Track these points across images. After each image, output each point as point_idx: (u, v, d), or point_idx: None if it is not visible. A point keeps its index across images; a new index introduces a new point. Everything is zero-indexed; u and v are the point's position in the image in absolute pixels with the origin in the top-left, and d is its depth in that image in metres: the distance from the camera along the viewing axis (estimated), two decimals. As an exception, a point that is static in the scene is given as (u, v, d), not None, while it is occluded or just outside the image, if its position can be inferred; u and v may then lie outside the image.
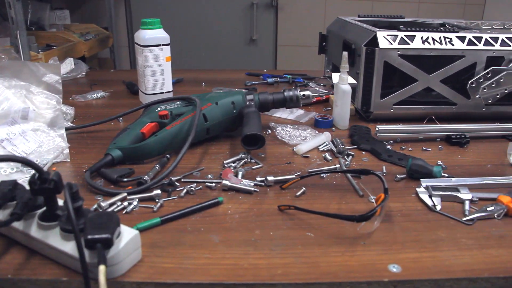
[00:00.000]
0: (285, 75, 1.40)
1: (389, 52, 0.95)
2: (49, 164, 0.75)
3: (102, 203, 0.62)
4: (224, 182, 0.69)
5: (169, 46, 1.09)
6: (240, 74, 1.50)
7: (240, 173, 0.73)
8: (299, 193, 0.68)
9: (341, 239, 0.57)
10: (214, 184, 0.70)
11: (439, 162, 0.80)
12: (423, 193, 0.68)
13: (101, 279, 0.43)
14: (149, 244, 0.54)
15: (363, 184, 0.71)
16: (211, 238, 0.56)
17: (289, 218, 0.61)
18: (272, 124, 0.96)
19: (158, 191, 0.65)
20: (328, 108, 1.12)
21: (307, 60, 2.68)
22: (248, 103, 0.89)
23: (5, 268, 0.50)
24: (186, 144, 0.76)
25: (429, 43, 0.96)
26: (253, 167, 0.77)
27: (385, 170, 0.77)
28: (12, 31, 1.38)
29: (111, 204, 0.63)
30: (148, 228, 0.58)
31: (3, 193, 0.52)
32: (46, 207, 0.52)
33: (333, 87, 0.99)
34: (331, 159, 0.81)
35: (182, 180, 0.71)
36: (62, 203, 0.52)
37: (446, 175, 0.74)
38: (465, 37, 0.97)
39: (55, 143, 0.78)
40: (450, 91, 0.99)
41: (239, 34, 2.84)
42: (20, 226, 0.52)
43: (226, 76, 1.47)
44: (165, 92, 1.13)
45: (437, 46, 0.96)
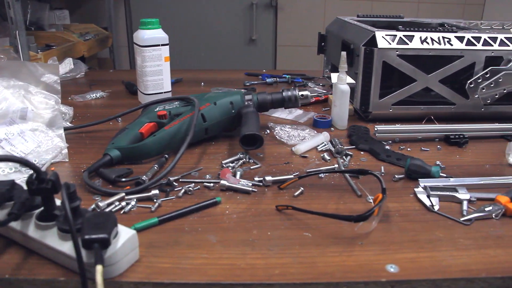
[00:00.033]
0: (284, 75, 1.40)
1: (388, 52, 0.95)
2: (48, 164, 0.75)
3: (100, 203, 0.62)
4: (222, 182, 0.69)
5: (168, 46, 1.10)
6: (240, 74, 1.50)
7: (238, 173, 0.73)
8: (297, 193, 0.68)
9: (339, 239, 0.57)
10: (212, 184, 0.70)
11: (438, 162, 0.80)
12: (421, 193, 0.68)
13: (98, 279, 0.43)
14: (147, 244, 0.55)
15: (361, 184, 0.71)
16: (209, 238, 0.56)
17: (287, 218, 0.61)
18: (271, 124, 0.96)
19: (156, 191, 0.65)
20: (327, 108, 1.12)
21: (307, 60, 2.68)
22: (247, 103, 0.89)
23: (3, 268, 0.50)
24: (185, 144, 0.76)
25: (428, 43, 0.96)
26: (252, 167, 0.77)
27: (384, 170, 0.77)
28: (11, 31, 1.38)
29: (109, 204, 0.63)
30: (146, 228, 0.58)
31: (1, 193, 0.52)
32: (44, 207, 0.52)
33: (332, 87, 0.99)
34: (330, 159, 0.81)
35: (180, 180, 0.71)
36: (60, 203, 0.52)
37: (445, 175, 0.74)
38: (464, 37, 0.97)
39: (54, 143, 0.78)
40: (449, 91, 0.99)
41: (239, 34, 2.84)
42: (18, 226, 0.52)
43: (225, 76, 1.47)
44: (164, 92, 1.13)
45: (436, 46, 0.96)
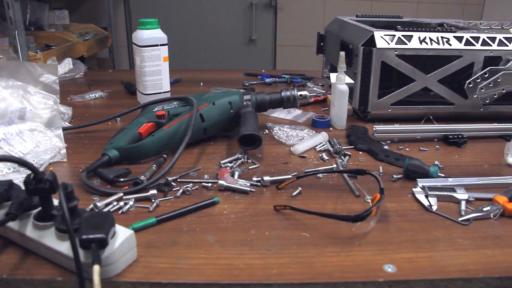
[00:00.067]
0: (284, 75, 1.40)
1: (387, 52, 0.95)
2: (46, 164, 0.75)
3: (98, 203, 0.62)
4: (220, 182, 0.69)
5: (167, 46, 1.10)
6: (239, 74, 1.50)
7: (237, 173, 0.73)
8: (295, 193, 0.68)
9: (337, 239, 0.57)
10: (211, 184, 0.70)
11: (436, 162, 0.80)
12: (420, 193, 0.68)
13: (95, 279, 0.43)
14: (145, 244, 0.55)
15: (360, 184, 0.71)
16: (207, 238, 0.56)
17: (285, 218, 0.61)
18: (269, 124, 0.96)
19: (154, 191, 0.65)
20: (326, 108, 1.12)
21: (307, 60, 2.67)
22: (245, 103, 0.89)
23: (1, 268, 0.50)
24: (183, 144, 0.76)
25: (427, 43, 0.96)
26: (250, 167, 0.77)
27: (382, 170, 0.77)
28: (11, 31, 1.38)
29: (107, 204, 0.63)
30: (144, 228, 0.58)
31: (-1, 193, 0.52)
32: (42, 207, 0.52)
33: (331, 87, 0.99)
34: (328, 159, 0.81)
35: (179, 180, 0.71)
36: (58, 203, 0.52)
37: (443, 175, 0.74)
38: (463, 37, 0.97)
39: (52, 143, 0.78)
40: (448, 91, 0.99)
41: (239, 34, 2.84)
42: (16, 226, 0.52)
43: (225, 76, 1.47)
44: (163, 92, 1.13)
45: (435, 46, 0.96)
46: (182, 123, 0.82)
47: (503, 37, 0.98)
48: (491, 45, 0.97)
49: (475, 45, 0.97)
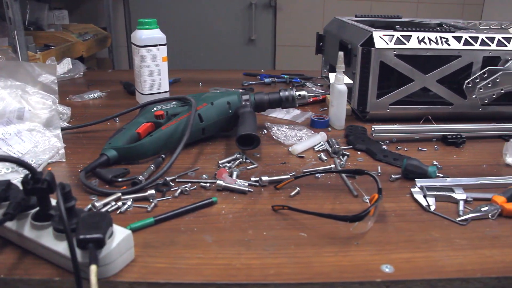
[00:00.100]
0: (283, 75, 1.40)
1: (385, 52, 0.95)
2: (44, 164, 0.75)
3: (96, 203, 0.62)
4: (219, 182, 0.69)
5: (166, 46, 1.10)
6: (238, 74, 1.50)
7: (235, 173, 0.73)
8: (293, 193, 0.68)
9: (334, 239, 0.57)
10: (209, 184, 0.70)
11: (435, 162, 0.80)
12: (418, 193, 0.68)
13: (92, 279, 0.43)
14: (143, 244, 0.55)
15: (358, 184, 0.71)
16: (205, 238, 0.56)
17: (283, 218, 0.62)
18: (268, 124, 0.96)
19: (152, 191, 0.65)
20: (325, 108, 1.12)
21: (306, 60, 2.67)
22: (244, 103, 0.89)
23: (-2, 268, 0.50)
24: (181, 144, 0.76)
25: (425, 43, 0.96)
26: (248, 167, 0.77)
27: (380, 170, 0.77)
28: (10, 31, 1.38)
29: (105, 204, 0.63)
30: (142, 228, 0.58)
31: (-4, 193, 0.52)
32: (39, 207, 0.52)
33: (330, 87, 0.99)
34: (326, 159, 0.81)
35: (177, 180, 0.71)
36: (55, 203, 0.52)
37: (441, 175, 0.74)
38: (461, 37, 0.97)
39: (51, 143, 0.78)
40: (447, 91, 0.99)
41: (238, 34, 2.84)
42: (13, 226, 0.52)
43: (224, 76, 1.47)
44: (162, 92, 1.13)
45: (433, 46, 0.96)
46: (181, 123, 0.82)
47: (502, 37, 0.98)
48: (490, 45, 0.97)
49: (474, 45, 0.97)
